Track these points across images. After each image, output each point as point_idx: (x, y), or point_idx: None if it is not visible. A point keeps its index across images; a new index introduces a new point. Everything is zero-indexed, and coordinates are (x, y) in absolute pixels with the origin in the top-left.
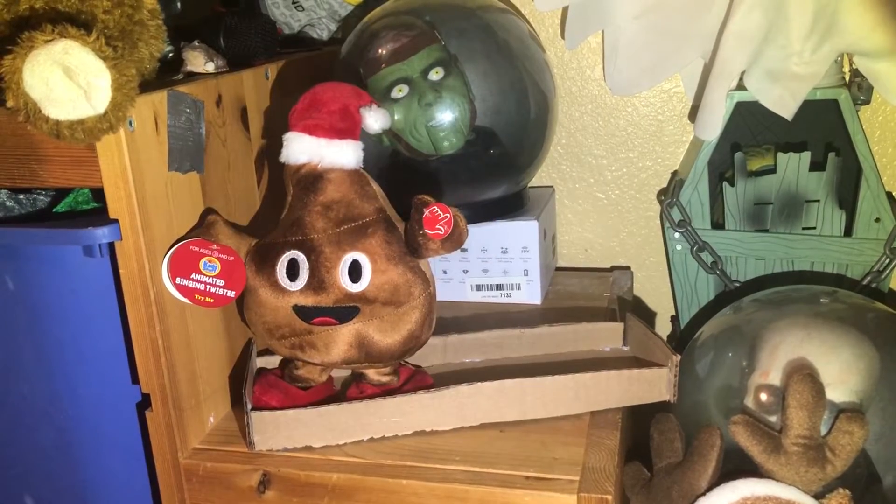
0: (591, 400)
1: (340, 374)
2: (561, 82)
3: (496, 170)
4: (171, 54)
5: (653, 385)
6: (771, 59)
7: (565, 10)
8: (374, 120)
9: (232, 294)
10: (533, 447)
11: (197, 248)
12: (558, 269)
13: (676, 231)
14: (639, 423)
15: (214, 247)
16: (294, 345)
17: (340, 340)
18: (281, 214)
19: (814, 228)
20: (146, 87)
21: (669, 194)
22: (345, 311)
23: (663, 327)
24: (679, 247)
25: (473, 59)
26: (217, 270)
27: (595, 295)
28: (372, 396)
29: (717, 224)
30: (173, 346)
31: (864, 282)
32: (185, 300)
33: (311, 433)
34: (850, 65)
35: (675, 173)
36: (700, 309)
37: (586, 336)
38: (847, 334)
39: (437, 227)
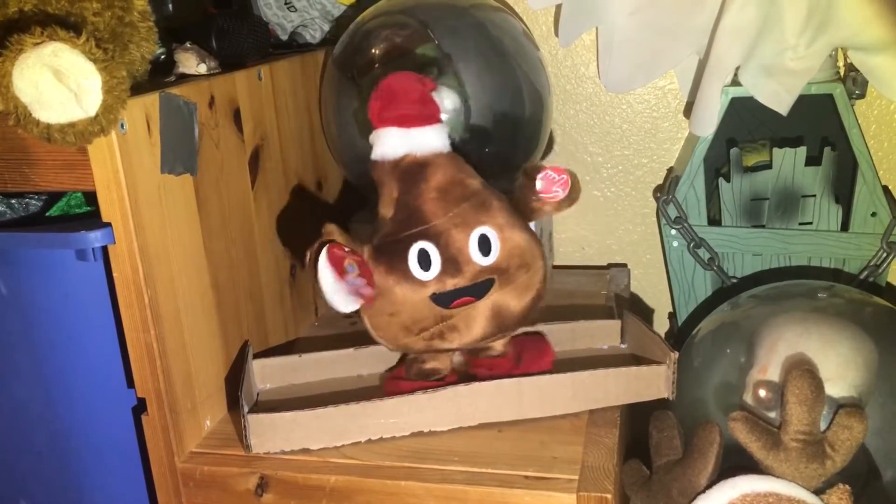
0: (589, 398)
1: None
2: (555, 80)
3: (491, 168)
4: (162, 56)
5: (651, 382)
6: (765, 54)
7: (559, 7)
8: (448, 101)
9: (372, 292)
10: (531, 446)
11: (338, 251)
12: (555, 267)
13: (673, 228)
14: (637, 420)
15: (347, 249)
16: (433, 334)
17: (479, 316)
18: (384, 214)
19: (810, 223)
20: (138, 89)
21: (665, 191)
22: (482, 286)
23: (661, 324)
24: (676, 243)
25: (467, 58)
26: (356, 271)
27: (592, 293)
28: (485, 378)
29: (714, 220)
30: (168, 350)
31: (862, 276)
32: (352, 300)
33: (308, 435)
34: (845, 59)
35: (670, 170)
36: (697, 305)
37: (584, 334)
38: (845, 329)
39: (555, 189)
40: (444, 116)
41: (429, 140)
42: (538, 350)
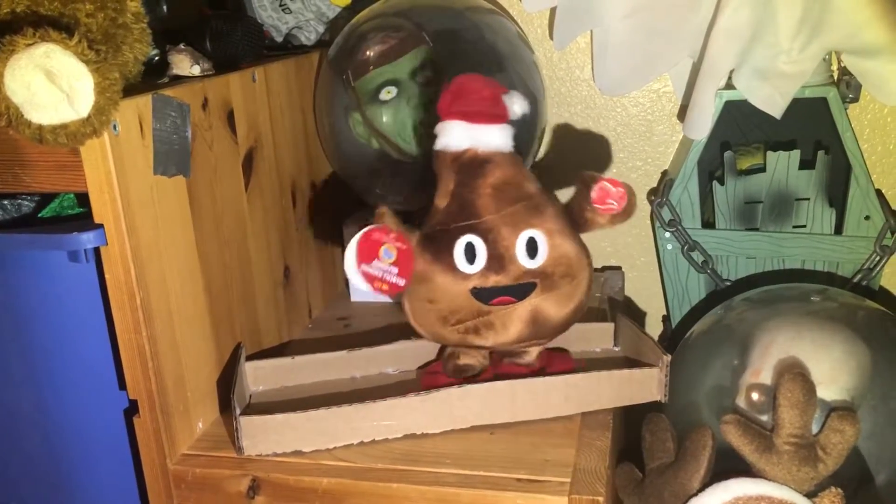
0: (581, 401)
1: None
2: (550, 83)
3: None
4: (156, 57)
5: (644, 385)
6: (759, 57)
7: (553, 10)
8: (519, 106)
9: (403, 282)
10: (524, 449)
11: (379, 236)
12: None
13: (667, 231)
14: (630, 423)
15: (393, 234)
16: (469, 329)
17: (517, 318)
18: (437, 204)
19: (804, 227)
20: (131, 90)
21: (660, 194)
22: (523, 288)
23: (654, 327)
24: (670, 246)
25: (461, 61)
26: (393, 258)
27: None
28: (517, 376)
29: (708, 223)
30: (160, 352)
31: (855, 280)
32: (367, 286)
33: (300, 437)
34: (839, 63)
35: (664, 173)
36: (691, 308)
37: (577, 337)
38: (838, 332)
39: (609, 201)
40: (516, 118)
41: (492, 138)
42: (563, 367)
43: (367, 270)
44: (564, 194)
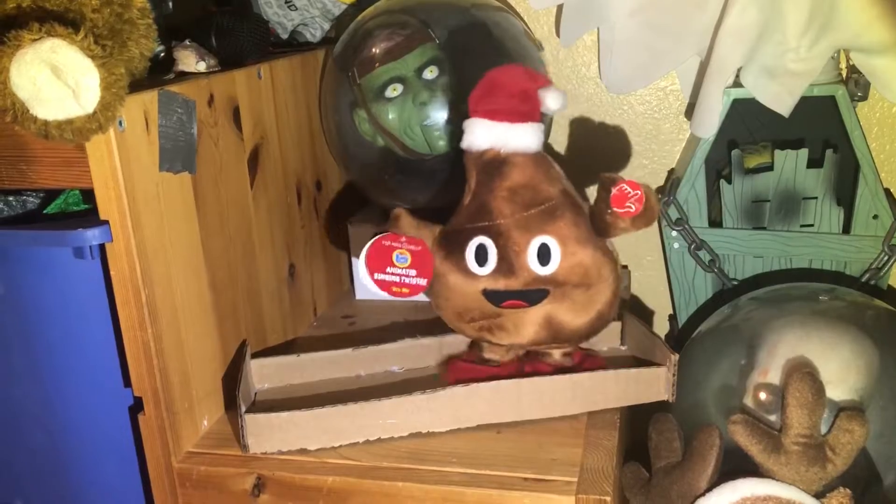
0: (588, 400)
1: None
2: (556, 81)
3: None
4: (162, 54)
5: (651, 385)
6: (767, 55)
7: (560, 7)
8: (553, 100)
9: (423, 282)
10: (530, 448)
11: (389, 243)
12: None
13: (674, 229)
14: (637, 423)
15: (403, 239)
16: (483, 327)
17: (529, 322)
18: (463, 202)
19: (812, 226)
20: (136, 86)
21: (666, 192)
22: (534, 294)
23: (661, 326)
24: (676, 245)
25: (468, 58)
26: (408, 261)
27: None
28: (546, 373)
29: (715, 222)
30: (165, 349)
31: (863, 279)
32: (384, 294)
33: (305, 435)
34: (848, 61)
35: (671, 171)
36: (698, 307)
37: None
38: (846, 332)
39: (628, 204)
40: (551, 114)
41: (515, 138)
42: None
43: (381, 279)
44: None
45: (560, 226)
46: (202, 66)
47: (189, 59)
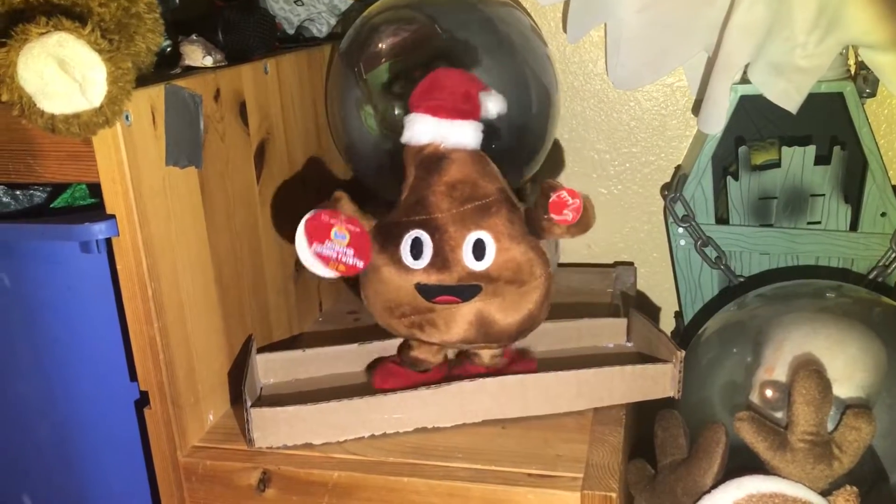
0: (594, 396)
1: None
2: (563, 76)
3: (498, 165)
4: (168, 48)
5: (657, 381)
6: (775, 51)
7: (567, 3)
8: (494, 104)
9: (361, 264)
10: (535, 444)
11: (328, 218)
12: (561, 265)
13: (680, 226)
14: (643, 419)
15: (343, 217)
16: (413, 323)
17: (461, 319)
18: (400, 196)
19: (819, 223)
20: (143, 80)
21: (673, 189)
22: (467, 290)
23: (667, 323)
24: (683, 242)
25: (474, 54)
26: (347, 240)
27: (598, 291)
28: (477, 376)
29: (721, 219)
30: (172, 343)
31: (870, 276)
32: (322, 267)
33: (311, 430)
34: (856, 57)
35: (678, 168)
36: (704, 304)
37: (589, 332)
38: (853, 329)
39: (565, 212)
40: (491, 117)
41: (455, 134)
42: (522, 368)
43: (320, 251)
44: (576, 188)
45: (496, 222)
46: (209, 61)
47: (196, 54)
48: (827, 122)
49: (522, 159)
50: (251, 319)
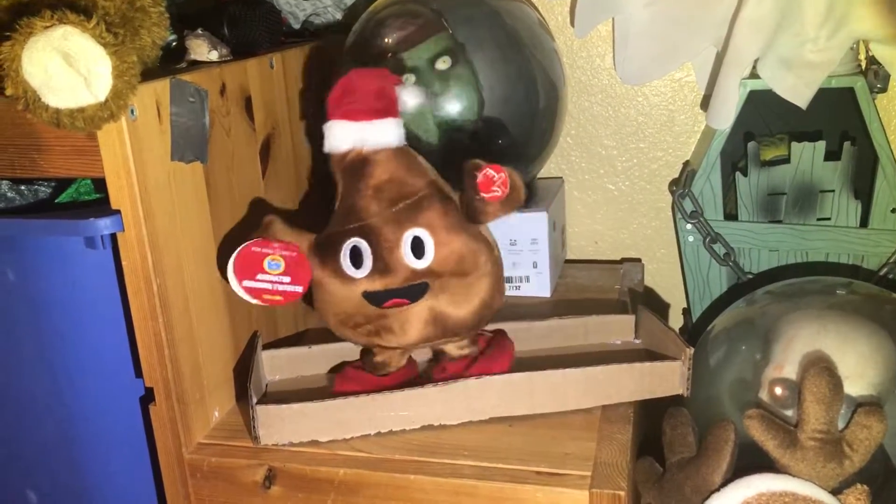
0: (602, 394)
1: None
2: (570, 71)
3: (504, 160)
4: (174, 42)
5: (665, 378)
6: (785, 46)
7: None
8: (411, 96)
9: (299, 289)
10: (543, 442)
11: (259, 249)
12: (568, 261)
13: (688, 222)
14: (651, 417)
15: (275, 244)
16: (370, 332)
17: (415, 319)
18: (333, 206)
19: (828, 219)
20: (148, 75)
21: (681, 185)
22: (415, 289)
23: (675, 320)
24: (691, 238)
25: (481, 48)
26: (281, 268)
27: (605, 287)
28: (458, 377)
29: (730, 215)
30: (177, 339)
31: (881, 273)
32: (255, 301)
33: (317, 427)
34: (867, 52)
35: (686, 163)
36: (713, 301)
37: (597, 329)
38: (863, 326)
39: (494, 188)
40: (409, 109)
41: (375, 135)
42: (498, 351)
43: (249, 286)
44: (584, 184)
45: (429, 216)
46: (214, 56)
47: (201, 48)
48: (837, 118)
49: (529, 155)
50: (257, 316)
